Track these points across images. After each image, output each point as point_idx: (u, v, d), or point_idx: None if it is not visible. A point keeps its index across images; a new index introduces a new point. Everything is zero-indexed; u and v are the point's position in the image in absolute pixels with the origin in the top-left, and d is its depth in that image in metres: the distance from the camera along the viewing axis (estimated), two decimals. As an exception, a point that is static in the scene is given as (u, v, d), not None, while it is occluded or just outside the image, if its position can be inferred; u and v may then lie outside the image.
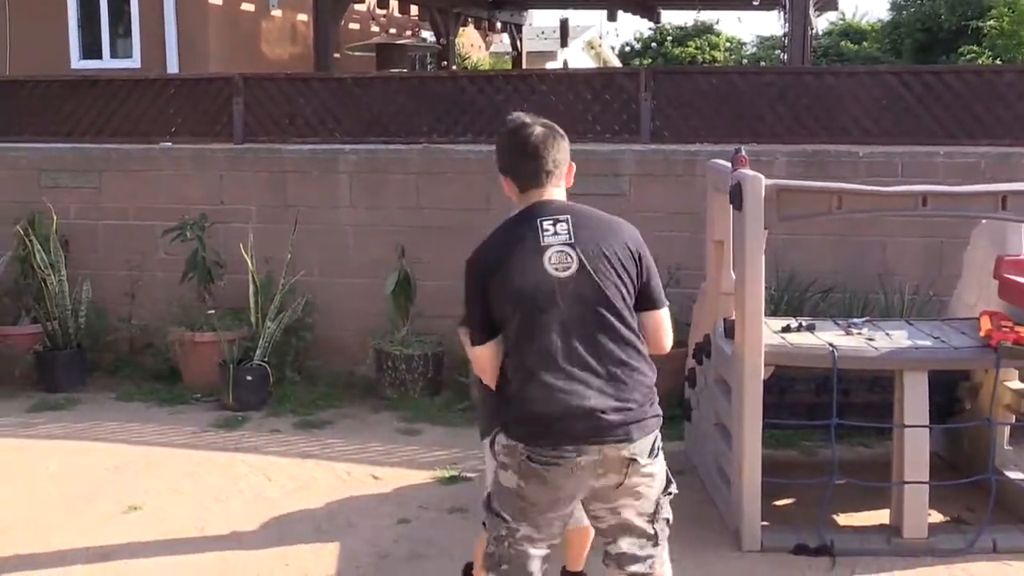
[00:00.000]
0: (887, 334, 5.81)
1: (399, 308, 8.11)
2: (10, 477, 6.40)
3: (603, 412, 3.35)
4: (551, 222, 3.43)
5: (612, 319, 3.40)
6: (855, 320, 6.26)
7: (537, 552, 3.50)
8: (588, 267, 3.36)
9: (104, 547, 5.34)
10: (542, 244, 3.39)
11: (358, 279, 8.46)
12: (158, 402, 8.01)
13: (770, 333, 5.69)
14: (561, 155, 3.56)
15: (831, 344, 5.60)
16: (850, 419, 5.74)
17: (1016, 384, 5.90)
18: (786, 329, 5.96)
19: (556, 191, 3.56)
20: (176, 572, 5.09)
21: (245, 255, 8.02)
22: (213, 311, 8.25)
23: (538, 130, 3.56)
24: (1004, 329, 5.33)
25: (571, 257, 3.36)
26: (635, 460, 3.40)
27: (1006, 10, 18.10)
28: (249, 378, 7.82)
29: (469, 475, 6.39)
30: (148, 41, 12.84)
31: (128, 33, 13.11)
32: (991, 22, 18.44)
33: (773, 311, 6.79)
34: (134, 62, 12.94)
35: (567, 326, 3.37)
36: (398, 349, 8.04)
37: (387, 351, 8.07)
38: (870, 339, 5.70)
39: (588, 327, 3.39)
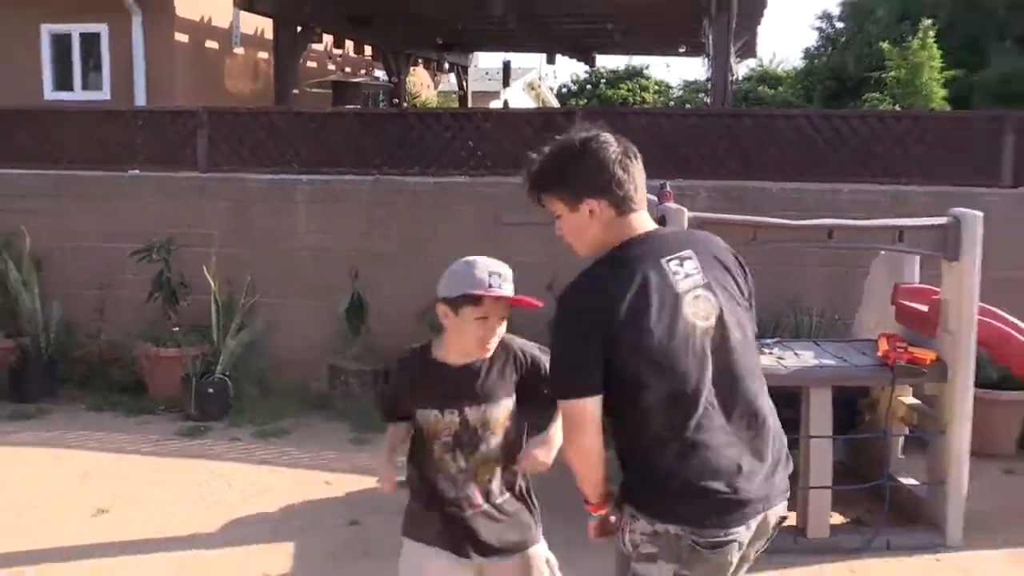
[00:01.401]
0: (796, 354, 5.95)
1: (351, 327, 8.15)
2: (-16, 482, 6.37)
3: (773, 472, 2.74)
4: (676, 261, 2.72)
5: (753, 362, 2.82)
6: (767, 341, 6.38)
7: None
8: (726, 309, 2.72)
9: (74, 547, 5.35)
10: (677, 291, 2.66)
11: (313, 300, 8.50)
12: (125, 412, 7.98)
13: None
14: None
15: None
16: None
17: (910, 399, 6.12)
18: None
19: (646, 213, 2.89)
20: (141, 571, 5.12)
21: (208, 276, 8.04)
22: (177, 328, 8.25)
23: (618, 140, 2.86)
24: (899, 350, 5.52)
25: (711, 302, 2.70)
26: (785, 518, 2.83)
27: (903, 62, 18.51)
28: (211, 391, 7.83)
29: (415, 481, 6.46)
30: (118, 75, 12.80)
31: (99, 67, 13.04)
32: (891, 72, 18.84)
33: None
34: (104, 94, 12.89)
35: (719, 380, 2.67)
36: (350, 364, 8.10)
37: (340, 366, 8.13)
38: (780, 358, 5.83)
39: (737, 377, 2.71)
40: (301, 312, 8.55)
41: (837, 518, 5.62)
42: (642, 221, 2.82)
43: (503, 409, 3.25)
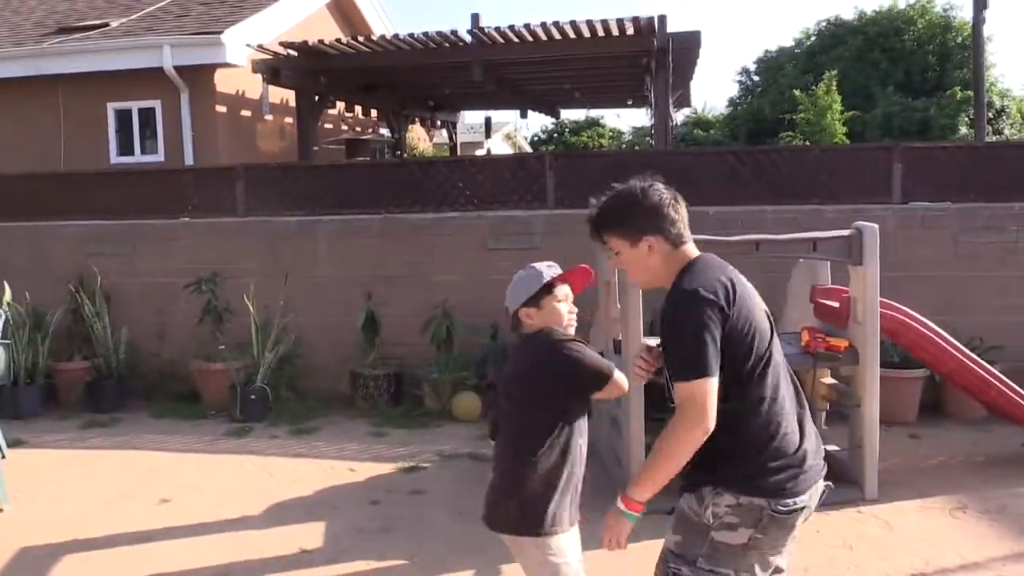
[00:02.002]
0: (732, 347, 5.88)
1: (367, 339, 8.05)
2: (69, 479, 6.24)
3: (820, 446, 2.80)
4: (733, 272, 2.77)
5: None
6: (710, 337, 6.33)
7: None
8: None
9: (143, 532, 5.23)
10: (751, 292, 2.75)
11: (335, 318, 8.37)
12: (182, 418, 7.85)
13: (645, 348, 5.73)
14: None
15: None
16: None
17: (829, 380, 6.07)
18: (659, 345, 6.01)
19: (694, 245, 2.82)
20: (199, 549, 4.97)
21: (247, 302, 7.96)
22: (223, 346, 8.13)
23: (667, 187, 2.84)
24: (819, 340, 5.51)
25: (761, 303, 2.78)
26: (829, 486, 2.83)
27: (811, 106, 18.59)
28: (253, 397, 7.70)
29: (424, 465, 6.36)
30: (170, 141, 12.72)
31: (154, 135, 12.97)
32: (801, 114, 18.91)
33: (650, 332, 6.83)
34: (159, 157, 12.79)
35: (785, 368, 2.74)
36: (367, 370, 7.98)
37: (359, 372, 8.00)
38: (721, 351, 5.77)
39: (785, 364, 2.76)
40: (325, 329, 8.42)
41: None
42: (693, 249, 2.80)
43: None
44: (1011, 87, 25.82)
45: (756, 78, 28.33)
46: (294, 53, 11.86)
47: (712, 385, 2.54)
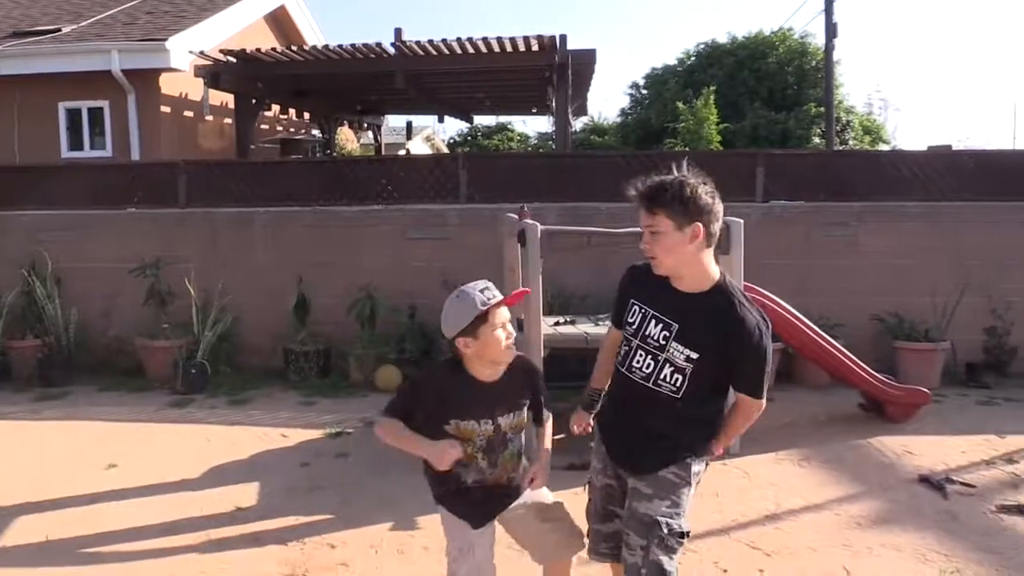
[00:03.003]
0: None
1: (299, 319, 7.93)
2: (21, 448, 6.00)
3: None
4: None
5: None
6: (601, 315, 6.42)
7: None
8: None
9: (92, 494, 5.05)
10: None
11: (269, 300, 8.21)
12: (128, 391, 7.59)
13: (547, 327, 5.79)
14: None
15: (586, 332, 5.74)
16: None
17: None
18: (557, 324, 6.08)
19: None
20: (144, 509, 4.83)
21: (188, 286, 7.76)
22: (167, 326, 7.90)
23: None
24: (691, 319, 5.57)
25: None
26: None
27: (691, 117, 18.87)
28: (194, 371, 7.50)
29: (349, 431, 6.30)
30: (117, 138, 12.27)
31: (103, 133, 12.48)
32: (682, 124, 19.19)
33: (549, 312, 6.89)
34: (107, 153, 12.32)
35: None
36: (299, 347, 7.86)
37: (291, 349, 7.88)
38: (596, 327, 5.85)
39: None
40: (261, 310, 8.25)
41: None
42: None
43: (525, 413, 2.98)
44: (855, 104, 26.74)
45: (644, 91, 28.61)
46: (233, 60, 11.56)
47: None
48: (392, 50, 11.07)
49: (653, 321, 2.76)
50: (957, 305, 7.56)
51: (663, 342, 2.71)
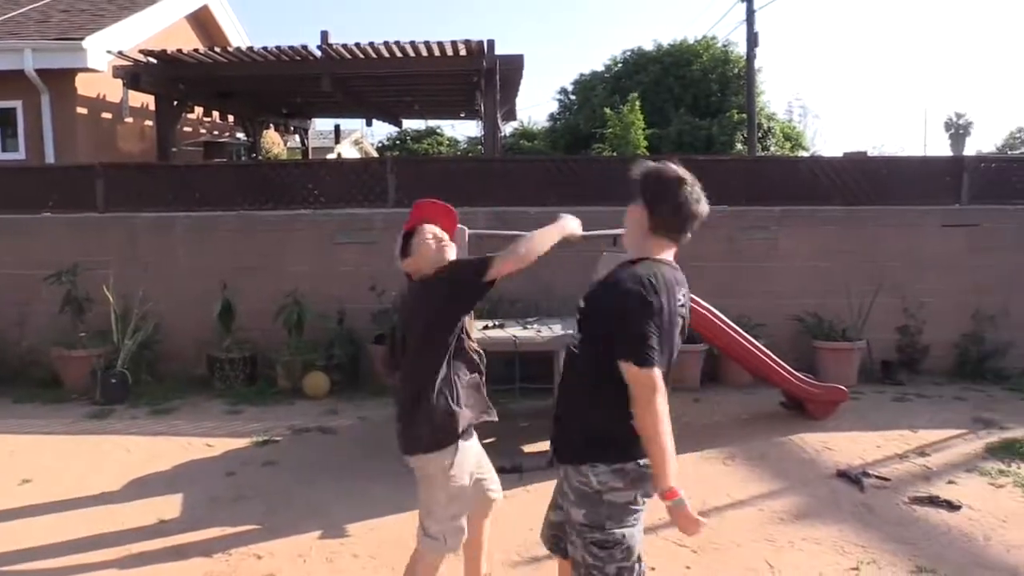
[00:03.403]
0: (550, 327, 6.03)
1: (224, 326, 7.75)
2: (-76, 465, 5.71)
3: None
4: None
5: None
6: (529, 319, 6.46)
7: None
8: None
9: (3, 511, 4.84)
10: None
11: (193, 307, 8.02)
12: (44, 403, 7.31)
13: (476, 330, 5.79)
14: None
15: (514, 336, 5.76)
16: (529, 383, 5.88)
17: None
18: (486, 327, 6.09)
19: None
20: (61, 525, 4.66)
21: (107, 292, 7.52)
22: (84, 334, 7.64)
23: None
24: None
25: None
26: None
27: (618, 122, 19.10)
28: (113, 381, 7.27)
29: (277, 439, 6.19)
30: (31, 140, 11.77)
31: (15, 135, 11.97)
32: (609, 130, 19.41)
33: (478, 316, 6.90)
34: (20, 155, 11.82)
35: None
36: (224, 354, 7.69)
37: (216, 356, 7.70)
38: (539, 331, 5.90)
39: None
40: (184, 317, 8.05)
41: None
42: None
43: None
44: (776, 111, 27.49)
45: (573, 97, 28.89)
46: (153, 60, 11.23)
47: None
48: (318, 53, 10.92)
49: None
50: (872, 305, 7.85)
51: None
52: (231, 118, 15.92)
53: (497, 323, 6.27)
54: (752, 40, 20.84)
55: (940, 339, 8.12)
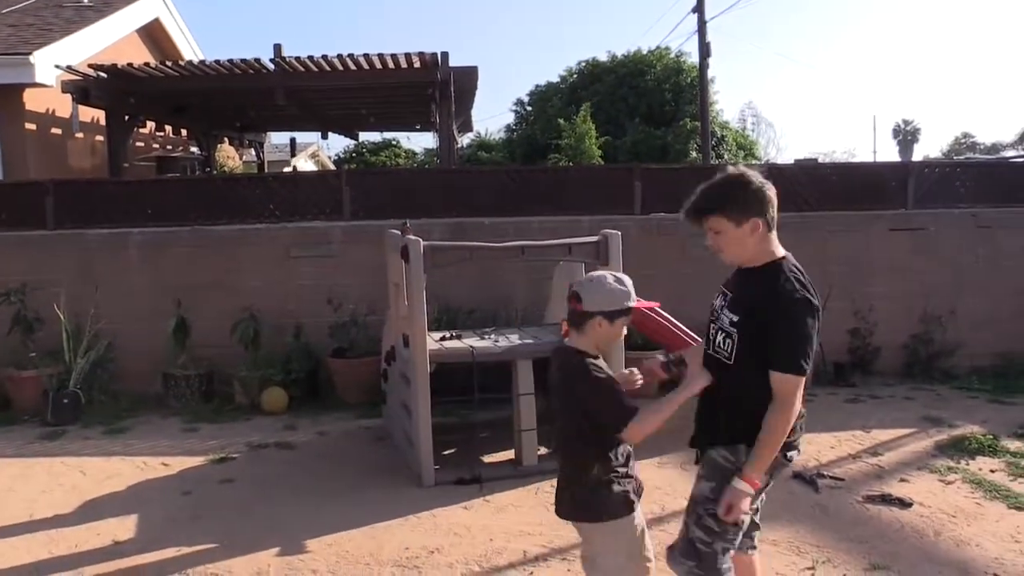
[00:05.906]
0: (507, 337, 6.04)
1: (178, 343, 7.63)
2: None
3: None
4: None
5: None
6: (487, 330, 6.46)
7: None
8: None
9: (-51, 538, 4.71)
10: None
11: (147, 324, 7.87)
12: (-7, 425, 7.13)
13: (433, 342, 5.78)
14: None
15: (472, 346, 5.76)
16: (488, 394, 5.88)
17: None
18: (443, 338, 6.08)
19: None
20: (10, 548, 4.55)
21: (58, 311, 7.35)
22: (35, 354, 7.47)
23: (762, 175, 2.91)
24: (576, 330, 5.68)
25: None
26: None
27: (573, 133, 19.27)
28: (66, 401, 7.11)
29: (234, 456, 6.11)
30: (-23, 157, 11.52)
31: (-39, 151, 11.70)
32: (565, 140, 19.57)
33: (436, 327, 6.89)
34: (-34, 173, 11.55)
35: None
36: (179, 371, 7.57)
37: (171, 373, 7.58)
38: (496, 341, 5.91)
39: None
40: (138, 334, 7.90)
41: (543, 451, 5.70)
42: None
43: None
44: (729, 119, 27.96)
45: (529, 108, 29.07)
46: (103, 75, 11.06)
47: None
48: (271, 66, 10.84)
49: (719, 296, 3.01)
50: (824, 309, 7.97)
51: (720, 311, 2.93)
52: (184, 132, 15.72)
53: (454, 334, 6.27)
54: (704, 50, 21.16)
55: (890, 341, 8.29)
